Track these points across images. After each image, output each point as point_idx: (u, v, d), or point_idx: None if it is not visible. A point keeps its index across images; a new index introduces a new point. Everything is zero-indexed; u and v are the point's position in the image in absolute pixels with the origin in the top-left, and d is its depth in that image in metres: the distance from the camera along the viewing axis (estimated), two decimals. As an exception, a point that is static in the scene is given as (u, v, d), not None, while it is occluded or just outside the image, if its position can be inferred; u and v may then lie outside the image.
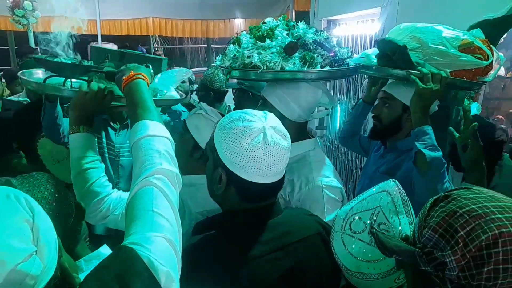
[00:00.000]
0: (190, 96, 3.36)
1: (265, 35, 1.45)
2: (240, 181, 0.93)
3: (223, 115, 2.12)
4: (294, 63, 1.39)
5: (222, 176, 0.96)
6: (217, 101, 3.14)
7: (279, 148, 0.93)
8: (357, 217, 0.89)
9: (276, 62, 1.38)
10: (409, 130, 1.56)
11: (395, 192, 0.89)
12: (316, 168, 1.44)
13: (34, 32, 4.85)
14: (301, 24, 1.53)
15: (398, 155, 1.64)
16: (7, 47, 5.74)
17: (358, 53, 2.77)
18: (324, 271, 1.04)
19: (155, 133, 0.95)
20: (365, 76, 3.04)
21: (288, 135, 0.98)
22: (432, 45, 1.43)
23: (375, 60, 1.60)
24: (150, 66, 1.37)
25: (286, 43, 1.41)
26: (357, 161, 3.26)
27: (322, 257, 1.04)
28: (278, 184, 0.99)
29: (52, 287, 0.57)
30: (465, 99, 2.90)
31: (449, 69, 1.43)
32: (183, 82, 3.44)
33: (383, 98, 1.65)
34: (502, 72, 7.12)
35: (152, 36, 10.49)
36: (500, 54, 1.55)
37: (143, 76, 1.13)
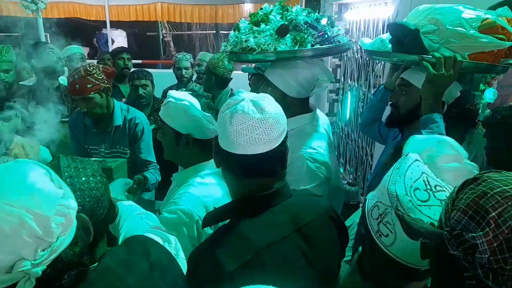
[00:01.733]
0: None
1: (260, 20, 1.58)
2: (229, 157, 0.97)
3: (207, 97, 2.26)
4: (286, 44, 1.51)
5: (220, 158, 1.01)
6: (219, 87, 3.14)
7: (248, 117, 0.92)
8: (416, 189, 0.89)
9: (269, 44, 1.51)
10: None
11: (421, 160, 0.92)
12: (307, 140, 1.54)
13: (42, 18, 4.84)
14: (296, 7, 1.65)
15: None
16: (18, 34, 5.79)
17: (372, 38, 2.70)
18: (336, 247, 1.08)
19: (141, 211, 1.25)
20: (377, 61, 2.98)
21: (268, 110, 0.95)
22: (449, 27, 1.36)
23: (390, 46, 1.55)
24: None
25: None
26: (367, 148, 3.23)
27: (332, 234, 1.08)
28: (266, 158, 0.95)
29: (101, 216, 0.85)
30: (481, 84, 2.83)
31: (468, 52, 1.37)
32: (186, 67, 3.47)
33: (401, 85, 1.58)
34: (517, 58, 6.94)
35: (160, 22, 10.41)
36: None
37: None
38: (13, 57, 2.77)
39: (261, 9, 1.68)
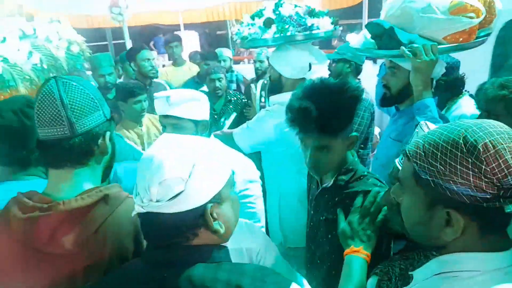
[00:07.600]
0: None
1: (256, 15, 1.97)
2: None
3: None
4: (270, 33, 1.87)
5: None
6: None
7: None
8: None
9: (259, 33, 1.90)
10: None
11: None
12: None
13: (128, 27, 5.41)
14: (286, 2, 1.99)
15: (409, 120, 1.60)
16: (106, 43, 6.63)
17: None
18: None
19: None
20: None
21: None
22: (421, 15, 1.42)
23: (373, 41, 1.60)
24: None
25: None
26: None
27: None
28: None
29: None
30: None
31: (443, 35, 1.43)
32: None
33: (390, 67, 1.63)
34: None
35: (228, 21, 10.88)
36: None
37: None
38: (112, 62, 3.46)
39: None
